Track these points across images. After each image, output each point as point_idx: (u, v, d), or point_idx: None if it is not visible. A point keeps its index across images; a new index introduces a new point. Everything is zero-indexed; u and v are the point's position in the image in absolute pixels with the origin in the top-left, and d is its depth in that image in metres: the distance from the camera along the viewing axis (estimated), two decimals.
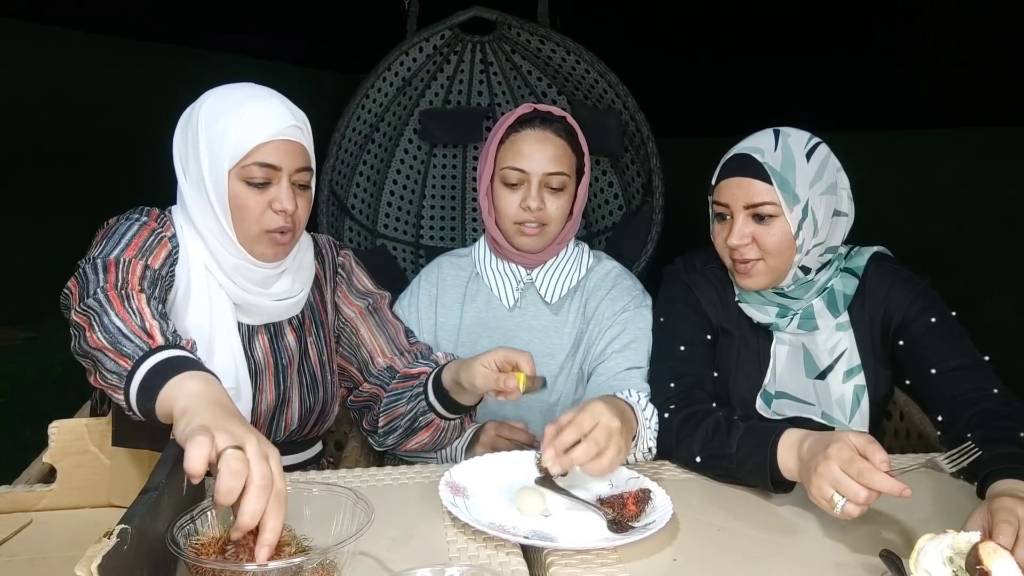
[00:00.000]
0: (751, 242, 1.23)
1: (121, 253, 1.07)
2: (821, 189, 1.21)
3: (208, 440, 0.72)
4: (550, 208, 1.36)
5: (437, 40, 3.98)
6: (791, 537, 0.96)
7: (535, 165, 1.35)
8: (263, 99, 1.14)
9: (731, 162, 1.25)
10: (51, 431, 0.96)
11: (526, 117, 1.38)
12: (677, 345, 1.31)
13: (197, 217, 1.15)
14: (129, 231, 1.12)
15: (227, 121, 1.11)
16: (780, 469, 1.02)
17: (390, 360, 1.33)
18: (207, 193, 1.12)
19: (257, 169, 1.11)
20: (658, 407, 1.26)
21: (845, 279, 1.29)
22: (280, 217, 1.13)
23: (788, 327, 1.29)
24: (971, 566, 0.76)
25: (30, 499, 0.97)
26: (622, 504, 0.97)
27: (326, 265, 1.34)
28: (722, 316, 1.35)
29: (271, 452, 0.76)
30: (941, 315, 1.24)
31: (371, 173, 4.30)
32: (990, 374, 1.18)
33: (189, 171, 1.15)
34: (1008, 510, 0.86)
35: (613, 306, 1.43)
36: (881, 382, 1.29)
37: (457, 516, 0.93)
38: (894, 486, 0.85)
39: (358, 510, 0.84)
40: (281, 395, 1.24)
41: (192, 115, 1.15)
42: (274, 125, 1.12)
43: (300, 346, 1.28)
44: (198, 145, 1.12)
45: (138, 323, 0.92)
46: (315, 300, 1.31)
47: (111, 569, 0.59)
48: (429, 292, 1.52)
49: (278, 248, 1.16)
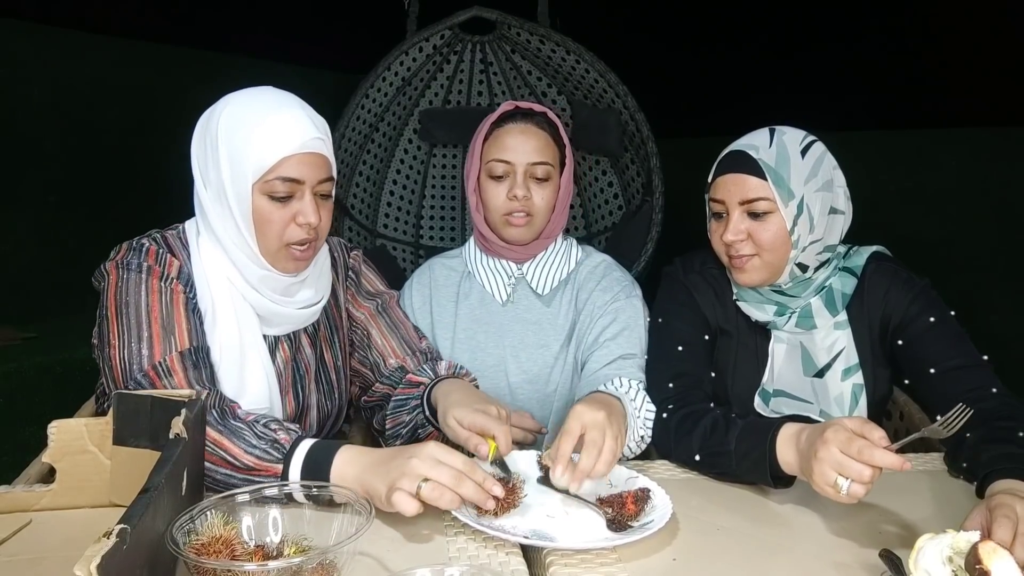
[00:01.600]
0: (746, 238, 1.23)
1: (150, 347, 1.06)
2: (816, 186, 1.21)
3: (406, 501, 0.88)
4: (536, 198, 1.41)
5: (437, 40, 3.98)
6: (791, 537, 0.96)
7: (519, 156, 1.40)
8: (285, 110, 1.10)
9: (726, 159, 1.26)
10: (51, 431, 0.96)
11: (508, 113, 1.43)
12: (675, 345, 1.32)
13: (219, 229, 1.13)
14: (141, 302, 1.08)
15: (248, 132, 1.08)
16: (779, 463, 1.02)
17: (401, 360, 1.32)
18: (229, 206, 1.10)
19: (280, 184, 1.09)
20: (656, 407, 1.26)
21: (844, 278, 1.29)
22: (303, 230, 1.12)
23: (786, 325, 1.29)
24: (970, 566, 0.76)
25: (30, 499, 0.97)
26: (621, 503, 0.98)
27: (338, 268, 1.34)
28: (720, 316, 1.35)
29: (437, 453, 0.91)
30: (940, 315, 1.24)
31: (371, 173, 4.30)
32: (989, 374, 1.18)
33: (209, 181, 1.12)
34: (1007, 507, 0.86)
35: (604, 296, 1.46)
36: (880, 381, 1.29)
37: (457, 516, 0.93)
38: (895, 460, 0.86)
39: (358, 510, 0.84)
40: (301, 404, 1.24)
41: (211, 122, 1.11)
42: (298, 138, 1.09)
43: (316, 353, 1.28)
44: (218, 155, 1.09)
45: (248, 448, 0.98)
46: (329, 305, 1.31)
47: (110, 569, 0.59)
48: (422, 293, 1.54)
49: (299, 262, 1.16)
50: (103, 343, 1.09)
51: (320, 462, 0.96)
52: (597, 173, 4.34)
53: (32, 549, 0.88)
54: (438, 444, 0.95)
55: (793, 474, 1.03)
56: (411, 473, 0.90)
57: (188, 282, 1.13)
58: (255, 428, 1.00)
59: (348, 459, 0.96)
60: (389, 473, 0.91)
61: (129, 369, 1.05)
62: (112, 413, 0.93)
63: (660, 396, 1.27)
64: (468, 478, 0.91)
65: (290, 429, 1.01)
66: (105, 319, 1.09)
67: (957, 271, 2.52)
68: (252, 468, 0.96)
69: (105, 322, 1.09)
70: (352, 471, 0.95)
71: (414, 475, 0.90)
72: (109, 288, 1.10)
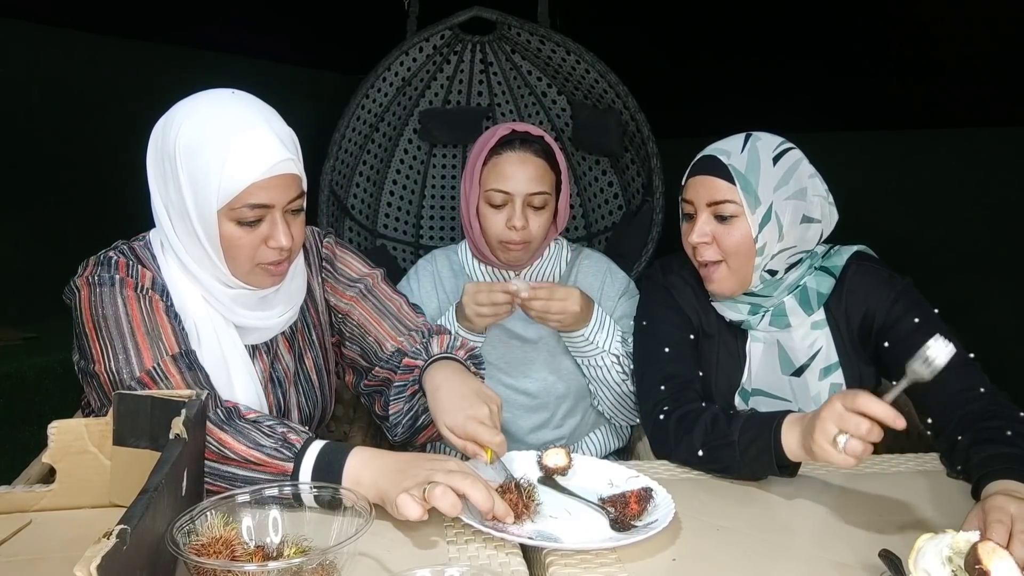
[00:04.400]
0: (711, 241, 1.25)
1: (139, 355, 1.03)
2: (787, 194, 1.22)
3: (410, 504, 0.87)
4: (533, 226, 1.46)
5: (437, 40, 3.98)
6: (791, 537, 0.96)
7: (518, 186, 1.43)
8: (248, 130, 1.02)
9: (699, 162, 1.28)
10: (51, 431, 0.96)
11: (506, 139, 1.45)
12: (662, 347, 1.32)
13: (182, 250, 1.08)
14: (120, 313, 1.04)
15: (211, 156, 1.01)
16: (783, 448, 1.03)
17: (397, 342, 1.28)
18: (195, 230, 1.05)
19: (249, 211, 1.03)
20: (650, 410, 1.26)
21: (820, 278, 1.29)
22: (275, 252, 1.08)
23: (760, 325, 1.30)
24: (970, 566, 0.76)
25: (30, 499, 0.97)
26: (624, 503, 0.98)
27: (311, 260, 1.29)
28: (701, 316, 1.37)
29: (454, 469, 0.91)
30: (924, 315, 1.24)
31: (371, 173, 4.30)
32: (976, 372, 1.18)
33: (170, 200, 1.06)
34: (1000, 509, 0.87)
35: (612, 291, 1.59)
36: (866, 379, 1.30)
37: (462, 518, 0.93)
38: (888, 411, 0.91)
39: (358, 511, 0.84)
40: (282, 410, 1.22)
41: (167, 140, 1.04)
42: (264, 163, 1.02)
43: (295, 356, 1.25)
44: (178, 177, 1.03)
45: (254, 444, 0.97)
46: (305, 303, 1.26)
47: (110, 569, 0.59)
48: (429, 279, 1.60)
49: (274, 278, 1.12)
50: (87, 360, 1.05)
51: (332, 463, 0.95)
52: (597, 173, 4.34)
53: (32, 549, 0.88)
54: (459, 461, 0.95)
55: (796, 459, 1.03)
56: (424, 481, 0.89)
57: (163, 292, 1.09)
58: (261, 427, 1.00)
59: (363, 461, 0.95)
60: (403, 481, 0.91)
61: (119, 379, 1.02)
62: (112, 413, 0.93)
63: (652, 399, 1.27)
64: (479, 482, 0.90)
65: (299, 430, 1.00)
66: (84, 336, 1.05)
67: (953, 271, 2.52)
68: (261, 463, 0.96)
69: (85, 339, 1.05)
70: (368, 474, 0.94)
71: (427, 483, 0.89)
72: (82, 304, 1.05)
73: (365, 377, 1.31)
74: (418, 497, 0.88)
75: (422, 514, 0.87)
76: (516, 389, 1.54)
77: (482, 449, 1.02)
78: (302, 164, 1.10)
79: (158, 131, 1.07)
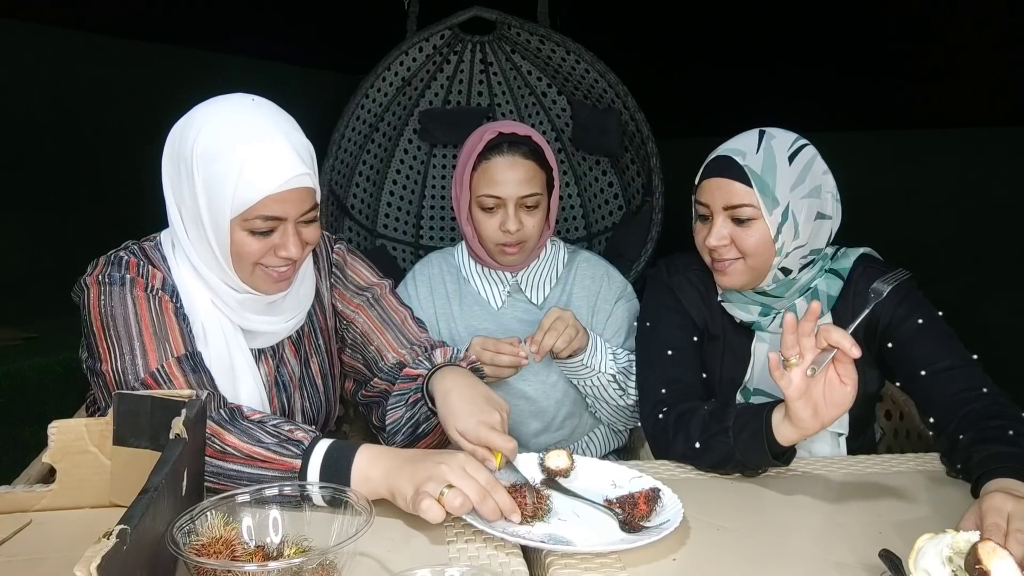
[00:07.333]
0: (729, 243, 1.23)
1: (144, 356, 1.03)
2: (803, 192, 1.21)
3: (434, 508, 0.87)
4: (527, 227, 1.45)
5: (437, 40, 3.98)
6: (791, 537, 0.96)
7: (509, 190, 1.42)
8: (266, 141, 1.02)
9: (713, 163, 1.25)
10: (51, 431, 0.96)
11: (494, 143, 1.43)
12: (665, 350, 1.32)
13: (193, 252, 1.09)
14: (129, 313, 1.05)
15: (227, 165, 1.01)
16: (774, 432, 1.03)
17: (400, 356, 1.27)
18: (206, 234, 1.06)
19: (262, 222, 1.04)
20: (650, 411, 1.26)
21: (830, 280, 1.29)
22: (282, 260, 1.08)
23: (771, 326, 1.29)
24: (970, 566, 0.76)
25: (30, 499, 0.97)
26: (633, 504, 0.97)
27: (320, 265, 1.29)
28: (706, 317, 1.36)
29: (466, 464, 0.92)
30: (928, 316, 1.24)
31: (371, 173, 4.30)
32: (978, 373, 1.18)
33: (184, 204, 1.07)
34: (996, 510, 0.87)
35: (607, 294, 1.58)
36: (869, 381, 1.29)
37: (468, 519, 0.92)
38: (844, 338, 0.96)
39: (358, 510, 0.84)
40: (286, 413, 1.22)
41: (184, 144, 1.04)
42: (280, 176, 1.02)
43: (300, 360, 1.25)
44: (193, 181, 1.03)
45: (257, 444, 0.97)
46: (313, 307, 1.26)
47: (111, 569, 0.59)
48: (426, 284, 1.59)
49: (280, 284, 1.12)
50: (94, 358, 1.06)
51: (340, 460, 0.95)
52: (597, 173, 4.34)
53: (32, 549, 0.88)
54: (467, 456, 0.95)
55: (787, 442, 1.03)
56: (439, 478, 0.90)
57: (173, 293, 1.10)
58: (266, 427, 1.00)
59: (371, 458, 0.95)
60: (416, 475, 0.91)
61: (124, 379, 1.03)
62: (112, 413, 0.93)
63: (652, 400, 1.27)
64: (491, 496, 0.91)
65: (306, 428, 1.00)
66: (92, 335, 1.06)
67: (955, 272, 2.52)
68: (267, 460, 0.96)
69: (93, 337, 1.06)
70: (377, 471, 0.94)
71: (442, 480, 0.90)
72: (91, 303, 1.06)
73: (364, 387, 1.32)
74: (436, 498, 0.88)
75: (443, 515, 0.88)
76: (516, 394, 1.53)
77: (491, 454, 1.02)
78: (317, 177, 1.10)
79: (176, 133, 1.07)
